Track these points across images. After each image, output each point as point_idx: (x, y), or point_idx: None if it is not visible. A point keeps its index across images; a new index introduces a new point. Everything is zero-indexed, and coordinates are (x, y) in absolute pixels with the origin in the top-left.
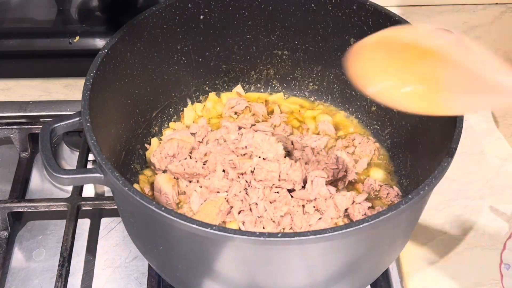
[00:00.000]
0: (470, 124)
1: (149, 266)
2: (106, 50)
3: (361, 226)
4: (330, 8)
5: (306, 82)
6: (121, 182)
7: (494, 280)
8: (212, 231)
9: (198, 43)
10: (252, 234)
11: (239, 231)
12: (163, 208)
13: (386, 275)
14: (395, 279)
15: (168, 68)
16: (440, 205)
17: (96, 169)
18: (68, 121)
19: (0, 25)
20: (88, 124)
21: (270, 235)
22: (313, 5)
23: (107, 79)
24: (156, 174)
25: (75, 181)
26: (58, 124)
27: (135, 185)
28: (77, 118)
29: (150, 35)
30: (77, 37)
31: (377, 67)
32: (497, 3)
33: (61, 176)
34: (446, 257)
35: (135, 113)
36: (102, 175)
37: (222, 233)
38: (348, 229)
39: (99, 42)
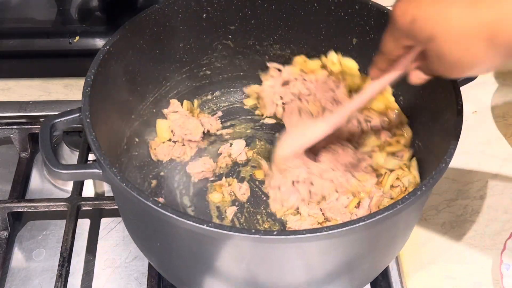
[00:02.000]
0: (470, 124)
1: (149, 266)
2: (107, 47)
3: (357, 225)
4: (332, 7)
5: None
6: (119, 178)
7: (494, 280)
8: (207, 228)
9: (200, 42)
10: (248, 231)
11: (235, 228)
12: (159, 204)
13: (386, 274)
14: (395, 278)
15: (170, 66)
16: (440, 205)
17: (95, 165)
18: (68, 117)
19: (0, 25)
20: (88, 119)
21: (266, 233)
22: (315, 4)
23: (108, 76)
24: None
25: (74, 176)
26: (58, 120)
27: None
28: (77, 114)
29: (152, 33)
30: (77, 37)
31: None
32: None
33: (60, 171)
34: (446, 257)
35: (137, 110)
36: (101, 171)
37: (218, 230)
38: (344, 228)
39: (99, 42)
